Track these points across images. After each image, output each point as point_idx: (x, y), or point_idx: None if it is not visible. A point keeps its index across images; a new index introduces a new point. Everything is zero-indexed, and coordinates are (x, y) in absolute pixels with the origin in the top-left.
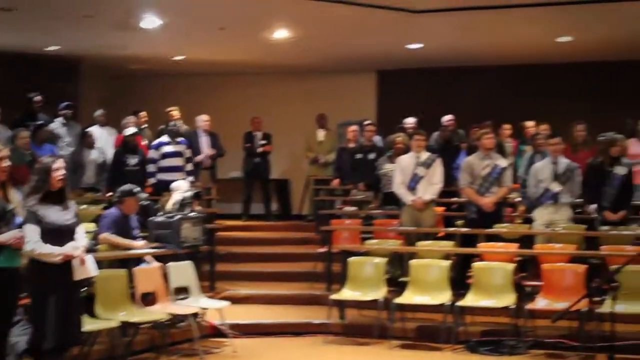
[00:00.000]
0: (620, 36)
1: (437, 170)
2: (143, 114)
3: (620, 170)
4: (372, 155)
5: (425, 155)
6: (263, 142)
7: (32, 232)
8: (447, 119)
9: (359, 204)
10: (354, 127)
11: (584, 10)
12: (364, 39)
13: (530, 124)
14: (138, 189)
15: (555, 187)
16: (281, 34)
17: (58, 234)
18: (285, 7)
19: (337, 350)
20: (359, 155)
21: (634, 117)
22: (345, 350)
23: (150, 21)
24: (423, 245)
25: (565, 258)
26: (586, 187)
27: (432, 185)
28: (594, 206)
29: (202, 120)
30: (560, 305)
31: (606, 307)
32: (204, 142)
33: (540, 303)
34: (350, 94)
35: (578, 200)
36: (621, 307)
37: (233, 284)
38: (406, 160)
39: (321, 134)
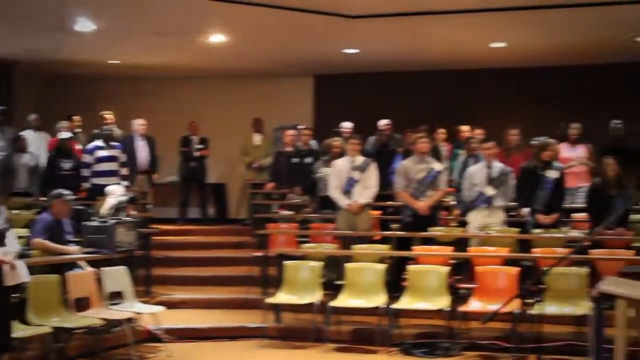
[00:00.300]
0: (553, 42)
1: (372, 174)
2: (77, 118)
3: (552, 174)
4: (308, 159)
5: (360, 159)
6: (200, 146)
7: None
8: (383, 123)
9: (295, 208)
10: (291, 131)
11: (518, 16)
12: (301, 44)
13: (464, 128)
14: (68, 192)
15: (489, 191)
16: (217, 38)
17: None
18: (221, 12)
19: (273, 354)
20: (295, 159)
21: (566, 121)
22: (280, 353)
23: (84, 25)
24: (358, 248)
25: (499, 261)
26: (519, 191)
27: (367, 189)
28: (526, 209)
29: (138, 124)
30: (494, 307)
31: (538, 309)
32: (140, 146)
33: (474, 305)
34: (287, 98)
35: (511, 203)
36: (553, 309)
37: (169, 289)
38: (341, 164)
39: (257, 138)
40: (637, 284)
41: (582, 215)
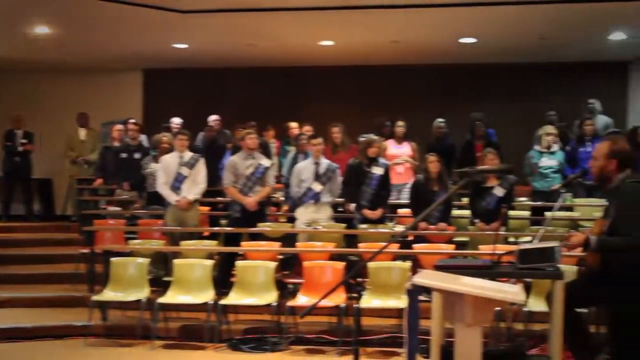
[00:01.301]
0: (379, 41)
1: (201, 170)
2: None
3: (377, 171)
4: (137, 155)
5: (188, 155)
6: (24, 140)
7: None
8: (212, 118)
9: (123, 204)
10: (118, 126)
11: (344, 15)
12: (130, 37)
13: (294, 124)
14: None
15: (317, 187)
16: (42, 29)
17: None
18: (44, 2)
19: (99, 352)
20: (123, 155)
21: (392, 119)
22: (107, 351)
23: None
24: (187, 244)
25: (326, 256)
26: (346, 187)
27: (196, 185)
28: (353, 205)
29: None
30: (321, 302)
31: (363, 303)
32: None
33: (302, 300)
34: (115, 93)
35: (338, 199)
36: (377, 302)
37: None
38: (170, 160)
39: (83, 133)
40: (450, 276)
41: (406, 211)
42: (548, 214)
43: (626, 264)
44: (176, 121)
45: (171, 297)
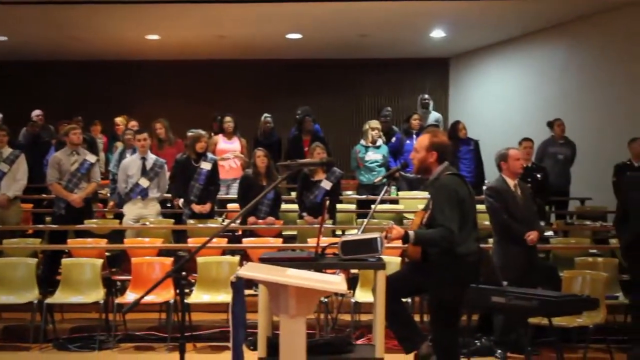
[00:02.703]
0: (205, 36)
1: (21, 166)
2: None
3: (205, 166)
4: None
5: (8, 150)
6: None
7: None
8: (35, 114)
9: None
10: None
11: (170, 9)
12: None
13: (120, 120)
14: None
15: (144, 183)
16: None
17: None
18: None
19: None
20: None
21: (221, 114)
22: None
23: None
24: (9, 243)
25: (154, 252)
26: (174, 182)
27: (16, 182)
28: (181, 200)
29: None
30: (150, 298)
31: (192, 298)
32: None
33: (130, 297)
34: None
35: (167, 195)
36: (206, 297)
37: None
38: None
39: None
40: (276, 269)
41: (235, 206)
42: (373, 206)
43: (441, 254)
44: None
45: None
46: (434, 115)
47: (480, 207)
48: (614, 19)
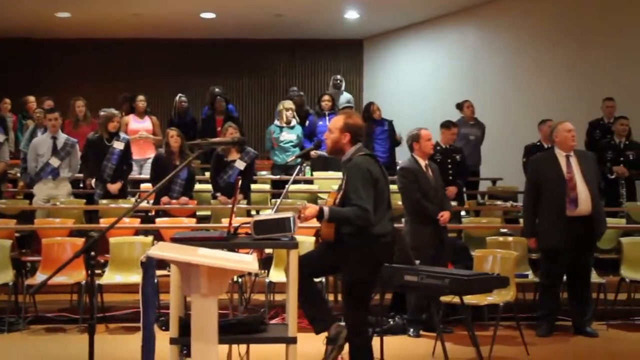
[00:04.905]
0: (118, 15)
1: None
2: None
3: (118, 145)
4: None
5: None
6: None
7: None
8: None
9: None
10: None
11: None
12: None
13: (31, 98)
14: None
15: (55, 162)
16: None
17: None
18: None
19: None
20: None
21: (133, 93)
22: None
23: None
24: None
25: (65, 232)
26: (86, 162)
27: None
28: (93, 180)
29: None
30: (60, 279)
31: (104, 279)
32: None
33: (40, 278)
34: None
35: (78, 175)
36: (119, 278)
37: None
38: None
39: None
40: (188, 248)
41: (148, 186)
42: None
43: (355, 234)
44: None
45: None
46: (345, 96)
47: (393, 187)
48: (523, 3)
